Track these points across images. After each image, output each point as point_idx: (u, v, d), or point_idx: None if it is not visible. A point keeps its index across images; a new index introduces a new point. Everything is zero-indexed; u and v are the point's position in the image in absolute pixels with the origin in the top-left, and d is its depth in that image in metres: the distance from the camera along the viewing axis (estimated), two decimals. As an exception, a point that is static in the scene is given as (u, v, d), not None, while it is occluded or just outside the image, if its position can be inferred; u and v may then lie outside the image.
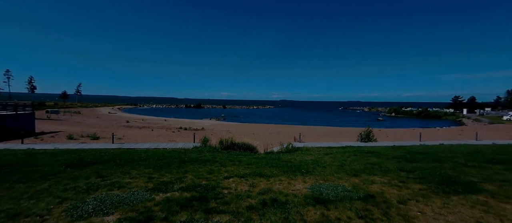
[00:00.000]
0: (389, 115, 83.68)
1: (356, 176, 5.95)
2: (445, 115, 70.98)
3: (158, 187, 4.83)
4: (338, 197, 4.44)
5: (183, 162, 7.25)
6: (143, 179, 5.46)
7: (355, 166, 7.17)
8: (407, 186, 5.10)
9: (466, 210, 3.88)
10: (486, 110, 76.10)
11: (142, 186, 4.93)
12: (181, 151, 10.11)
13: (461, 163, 7.21)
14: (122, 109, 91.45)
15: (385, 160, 7.93)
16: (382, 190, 4.83)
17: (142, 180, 5.39)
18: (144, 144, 13.38)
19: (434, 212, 3.81)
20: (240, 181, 5.36)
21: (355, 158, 8.68)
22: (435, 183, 5.22)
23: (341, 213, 3.77)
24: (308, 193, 4.66)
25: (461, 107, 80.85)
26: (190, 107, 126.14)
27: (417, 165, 6.98)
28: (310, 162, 7.94)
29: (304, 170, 6.61)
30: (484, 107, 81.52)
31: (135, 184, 5.10)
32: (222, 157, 8.64)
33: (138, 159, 7.81)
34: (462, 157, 8.06)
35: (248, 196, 4.41)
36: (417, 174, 6.00)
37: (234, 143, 11.95)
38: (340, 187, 5.03)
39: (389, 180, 5.52)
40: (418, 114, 75.67)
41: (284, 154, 10.60)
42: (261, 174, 5.96)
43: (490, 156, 8.31)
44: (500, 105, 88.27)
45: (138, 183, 5.14)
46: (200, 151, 10.29)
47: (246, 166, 6.96)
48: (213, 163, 7.26)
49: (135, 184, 5.10)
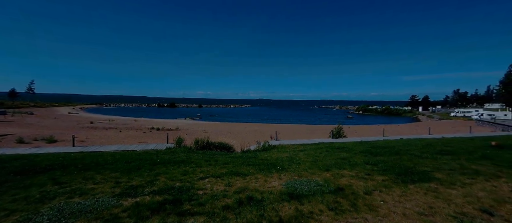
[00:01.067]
0: (357, 112, 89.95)
1: (327, 170, 6.28)
2: (404, 112, 78.65)
3: (127, 192, 4.52)
4: (311, 191, 4.64)
5: (155, 164, 6.89)
6: (109, 184, 5.06)
7: (327, 161, 7.56)
8: (372, 178, 5.54)
9: (421, 197, 4.36)
10: (437, 108, 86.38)
11: (108, 192, 4.56)
12: (153, 153, 9.59)
13: (416, 155, 8.06)
14: (85, 109, 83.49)
15: (354, 155, 8.50)
16: (350, 183, 5.17)
17: (108, 185, 4.99)
18: (111, 146, 12.38)
19: (394, 201, 4.20)
20: (216, 181, 5.28)
21: (327, 153, 9.14)
22: (396, 174, 5.76)
23: (313, 206, 3.94)
24: (283, 189, 4.78)
25: (417, 105, 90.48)
26: (163, 107, 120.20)
27: (380, 158, 7.63)
28: (286, 159, 8.16)
29: (279, 167, 6.77)
30: (435, 105, 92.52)
31: (100, 189, 4.70)
32: (197, 157, 8.41)
33: (104, 162, 7.20)
34: (417, 150, 9.02)
35: (224, 195, 4.37)
36: (381, 166, 6.55)
37: (210, 142, 11.71)
38: (313, 182, 5.26)
39: (357, 173, 5.93)
40: (382, 111, 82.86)
41: (260, 152, 10.72)
42: (237, 173, 5.94)
43: (439, 148, 9.44)
44: (448, 103, 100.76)
45: (103, 189, 4.75)
46: (174, 152, 9.88)
47: (222, 166, 6.88)
48: (188, 164, 7.03)
49: (100, 189, 4.70)
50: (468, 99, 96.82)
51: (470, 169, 6.12)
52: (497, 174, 5.71)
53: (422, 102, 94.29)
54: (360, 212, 3.77)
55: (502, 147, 9.20)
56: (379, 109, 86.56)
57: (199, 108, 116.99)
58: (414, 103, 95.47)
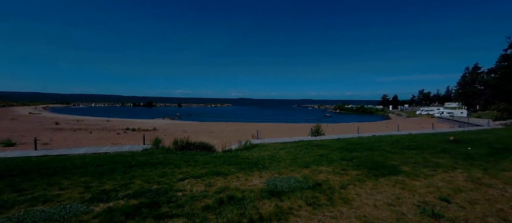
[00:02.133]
0: (335, 111, 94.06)
1: (306, 167, 6.49)
2: (376, 111, 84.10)
3: (98, 197, 4.23)
4: (291, 188, 4.77)
5: (129, 167, 6.53)
6: (78, 189, 4.70)
7: (306, 158, 7.81)
8: (347, 173, 5.84)
9: (390, 189, 4.71)
10: (405, 107, 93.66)
11: (76, 198, 4.23)
12: (127, 155, 9.09)
13: (387, 150, 8.68)
14: (49, 109, 76.29)
15: (331, 151, 8.89)
16: (327, 178, 5.41)
17: (76, 190, 4.62)
18: (80, 149, 11.48)
19: (367, 193, 4.49)
20: (196, 182, 5.18)
21: (307, 151, 9.44)
22: (368, 168, 6.14)
23: (293, 202, 4.06)
24: (264, 187, 4.85)
25: (388, 104, 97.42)
26: (140, 106, 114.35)
27: (355, 154, 8.08)
28: (267, 158, 8.27)
29: (260, 165, 6.84)
30: (404, 104, 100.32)
31: (67, 195, 4.35)
32: (176, 158, 8.15)
33: (72, 166, 6.66)
34: (387, 146, 9.71)
35: (204, 196, 4.30)
36: (355, 162, 6.94)
37: (190, 142, 11.41)
38: (292, 179, 5.40)
39: (334, 169, 6.22)
40: (357, 110, 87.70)
41: (242, 151, 10.72)
42: (218, 173, 5.88)
43: (407, 143, 10.26)
44: (414, 102, 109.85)
45: (71, 194, 4.39)
46: (151, 153, 9.46)
47: (202, 166, 6.76)
48: (166, 165, 6.78)
49: (67, 195, 4.35)
50: (431, 98, 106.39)
51: (432, 162, 6.75)
52: (454, 165, 6.37)
53: (392, 102, 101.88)
54: (336, 205, 3.97)
55: (458, 141, 10.29)
56: (354, 108, 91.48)
57: (179, 107, 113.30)
58: (385, 102, 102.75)
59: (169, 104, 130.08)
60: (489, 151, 8.02)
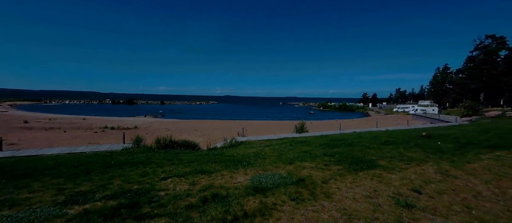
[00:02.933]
0: (319, 109, 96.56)
1: (290, 163, 6.62)
2: (357, 108, 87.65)
3: (73, 199, 4.00)
4: (275, 184, 4.85)
5: (108, 167, 6.24)
6: (51, 191, 4.40)
7: (290, 155, 7.96)
8: (329, 168, 6.06)
9: (368, 182, 4.97)
10: (383, 104, 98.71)
11: (48, 201, 3.97)
12: (106, 154, 8.66)
13: (366, 146, 9.11)
14: (16, 107, 70.30)
15: (314, 148, 9.14)
16: (310, 174, 5.57)
17: (48, 193, 4.33)
18: (53, 149, 10.72)
19: (347, 187, 4.70)
20: (179, 181, 5.07)
21: (291, 147, 9.62)
22: (348, 163, 6.42)
23: (277, 198, 4.13)
24: (248, 184, 4.88)
25: (368, 102, 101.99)
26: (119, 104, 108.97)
27: (337, 150, 8.38)
28: (252, 155, 8.31)
29: (246, 162, 6.86)
30: (382, 102, 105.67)
31: (38, 199, 4.06)
32: (159, 157, 7.92)
33: (43, 167, 6.22)
34: (367, 141, 10.19)
35: (188, 195, 4.23)
36: (337, 157, 7.21)
37: (173, 141, 11.12)
38: (277, 175, 5.49)
39: (316, 164, 6.41)
40: (339, 107, 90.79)
41: (227, 149, 10.66)
42: (202, 171, 5.81)
43: (384, 139, 10.84)
44: (392, 100, 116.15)
45: (42, 197, 4.11)
46: (131, 152, 9.09)
47: (186, 164, 6.64)
48: (147, 165, 6.57)
49: (38, 199, 4.06)
50: (406, 97, 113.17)
51: (406, 156, 7.21)
52: (425, 159, 6.85)
53: (371, 100, 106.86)
54: (318, 199, 4.11)
55: (430, 136, 11.07)
56: (336, 106, 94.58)
57: (161, 105, 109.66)
58: (365, 100, 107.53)
59: (151, 102, 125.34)
60: (456, 145, 8.73)
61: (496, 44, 44.07)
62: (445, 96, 59.86)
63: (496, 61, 43.77)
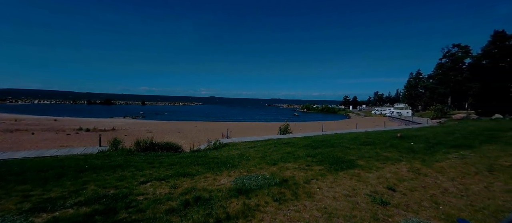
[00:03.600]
0: (302, 110, 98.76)
1: (274, 164, 6.69)
2: (339, 110, 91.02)
3: (41, 206, 3.70)
4: (259, 185, 4.86)
5: (81, 171, 5.86)
6: (15, 199, 4.03)
7: (274, 156, 8.04)
8: (311, 168, 6.21)
9: (347, 181, 5.17)
10: (363, 107, 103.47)
11: (11, 209, 3.63)
12: (79, 158, 8.12)
13: (346, 146, 9.48)
14: (-25, 106, 63.67)
15: (297, 149, 9.32)
16: (293, 174, 5.67)
17: (12, 200, 3.96)
18: (18, 153, 9.83)
19: (328, 186, 4.85)
20: (160, 184, 4.91)
21: (275, 149, 9.73)
22: (330, 163, 6.63)
23: (260, 199, 4.15)
24: (232, 186, 4.85)
25: (348, 105, 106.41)
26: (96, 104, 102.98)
27: (319, 151, 8.62)
28: (236, 156, 8.27)
29: (230, 164, 6.81)
30: (362, 105, 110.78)
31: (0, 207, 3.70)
32: (138, 160, 7.59)
33: (6, 173, 5.68)
34: (347, 142, 10.61)
35: (168, 199, 4.10)
36: (319, 158, 7.42)
37: (154, 143, 10.72)
38: (260, 176, 5.51)
39: (299, 165, 6.55)
40: (322, 109, 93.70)
41: (211, 151, 10.51)
42: (185, 174, 5.67)
43: (363, 140, 11.36)
44: (371, 103, 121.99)
45: (4, 206, 3.75)
46: (108, 155, 8.63)
47: (168, 167, 6.44)
48: (126, 168, 6.27)
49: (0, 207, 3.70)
50: (384, 100, 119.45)
51: (383, 156, 7.62)
52: (399, 158, 7.29)
53: (352, 102, 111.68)
54: (300, 199, 4.20)
55: (404, 137, 11.80)
56: (319, 108, 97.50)
57: (142, 106, 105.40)
58: (346, 103, 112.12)
59: (131, 102, 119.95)
60: (427, 145, 9.39)
61: (462, 52, 48.24)
62: (418, 100, 64.16)
63: (462, 68, 47.89)
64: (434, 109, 37.69)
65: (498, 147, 8.81)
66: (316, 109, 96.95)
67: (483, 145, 9.17)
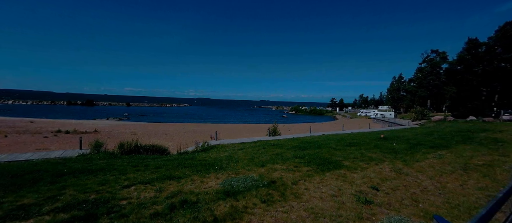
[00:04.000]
0: (291, 112, 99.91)
1: (263, 166, 6.71)
2: (326, 112, 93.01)
3: (13, 214, 3.46)
4: (247, 187, 4.85)
5: (60, 175, 5.55)
6: (-17, 207, 3.74)
7: (263, 157, 8.06)
8: (299, 169, 6.29)
9: (333, 181, 5.29)
10: (349, 109, 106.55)
11: (-21, 218, 3.36)
12: (58, 162, 7.68)
13: (332, 147, 9.70)
14: None
15: (286, 150, 9.41)
16: (281, 176, 5.71)
17: (-21, 209, 3.67)
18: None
19: (315, 187, 4.94)
20: (145, 188, 4.75)
21: (264, 150, 9.75)
22: (317, 164, 6.76)
23: (248, 201, 4.14)
24: (219, 188, 4.80)
25: (335, 107, 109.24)
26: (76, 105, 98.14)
27: (307, 152, 8.76)
28: (224, 158, 8.19)
29: (218, 166, 6.74)
30: (348, 107, 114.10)
31: (-36, 217, 3.41)
32: (122, 163, 7.31)
33: (-27, 179, 5.25)
34: (334, 143, 10.86)
35: (153, 202, 3.99)
36: (306, 159, 7.53)
37: (140, 145, 10.36)
38: (249, 178, 5.51)
39: (287, 166, 6.61)
40: (310, 111, 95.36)
41: (199, 153, 10.34)
42: (171, 177, 5.54)
43: (349, 141, 11.69)
44: (356, 105, 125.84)
45: (-30, 215, 3.46)
46: (89, 159, 8.23)
47: (153, 170, 6.25)
48: (108, 172, 6.01)
49: (-36, 217, 3.41)
50: (368, 102, 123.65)
51: (367, 156, 7.88)
52: (383, 159, 7.57)
53: (339, 104, 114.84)
54: (288, 200, 4.24)
55: (387, 138, 12.29)
56: (308, 110, 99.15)
57: (128, 107, 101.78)
58: (333, 105, 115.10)
59: (115, 103, 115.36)
60: (408, 146, 9.83)
61: (439, 58, 51.23)
62: (400, 102, 67.11)
63: (440, 73, 50.80)
64: (415, 112, 39.57)
65: (472, 147, 9.41)
66: (304, 111, 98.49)
67: (459, 145, 9.75)
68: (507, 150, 8.74)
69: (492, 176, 5.75)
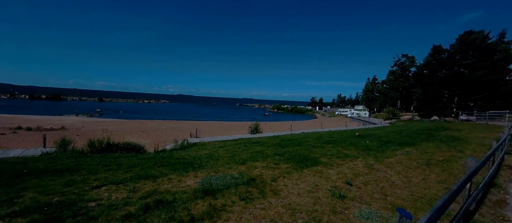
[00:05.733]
0: (273, 110, 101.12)
1: (243, 164, 6.71)
2: (306, 111, 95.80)
3: (-42, 222, 3.06)
4: (226, 185, 4.82)
5: (18, 176, 5.02)
6: None
7: (243, 155, 8.06)
8: (278, 166, 6.40)
9: (311, 178, 5.47)
10: (328, 108, 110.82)
11: None
12: (16, 162, 6.94)
13: (311, 145, 10.02)
14: None
15: (267, 148, 9.51)
16: (261, 173, 5.77)
17: None
18: None
19: (293, 184, 5.06)
20: (117, 188, 4.49)
21: (245, 148, 9.75)
22: (296, 161, 6.93)
23: (227, 199, 4.12)
24: (198, 187, 4.70)
25: (315, 105, 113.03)
26: (41, 99, 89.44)
27: (286, 150, 8.94)
28: (204, 156, 8.05)
29: (197, 165, 6.60)
30: (327, 106, 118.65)
31: None
32: (92, 162, 6.83)
33: None
34: (312, 141, 11.22)
35: (126, 203, 3.78)
36: (286, 156, 7.69)
37: (112, 143, 9.76)
38: (229, 176, 5.47)
39: (267, 164, 6.69)
40: (291, 110, 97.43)
41: (178, 151, 10.03)
42: (146, 176, 5.30)
43: (326, 138, 12.16)
44: (334, 104, 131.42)
45: None
46: (54, 158, 7.56)
47: (127, 170, 5.93)
48: (76, 172, 5.58)
49: None
50: (345, 102, 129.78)
51: (343, 153, 8.26)
52: (357, 155, 8.00)
53: (318, 103, 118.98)
54: (267, 197, 4.29)
55: (361, 136, 13.01)
56: (289, 108, 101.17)
57: (100, 102, 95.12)
58: (313, 104, 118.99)
59: (86, 98, 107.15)
60: (380, 143, 10.50)
61: (408, 62, 55.34)
62: (374, 102, 71.37)
63: (408, 76, 54.94)
64: (387, 111, 42.43)
65: (434, 144, 10.33)
66: (286, 110, 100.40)
67: (423, 143, 10.65)
68: (463, 146, 9.75)
69: (450, 171, 6.37)
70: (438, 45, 37.27)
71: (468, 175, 3.08)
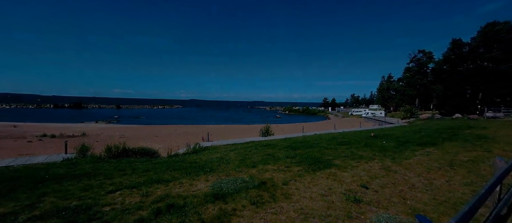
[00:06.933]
0: (284, 112, 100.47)
1: (254, 167, 6.64)
2: (319, 112, 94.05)
3: (-15, 225, 3.25)
4: (237, 189, 4.77)
5: (40, 182, 5.29)
6: (-48, 218, 3.49)
7: (254, 158, 7.99)
8: (290, 169, 6.27)
9: (324, 181, 5.29)
10: (341, 108, 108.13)
11: None
12: (40, 167, 7.35)
13: (324, 147, 9.76)
14: None
15: (278, 150, 9.38)
16: (272, 176, 5.67)
17: None
18: (-36, 164, 8.60)
19: (305, 187, 4.91)
20: (130, 193, 4.59)
21: (256, 151, 9.69)
22: (308, 164, 6.75)
23: (237, 203, 4.06)
24: (209, 191, 4.70)
25: (328, 106, 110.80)
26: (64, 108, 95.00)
27: (298, 152, 8.76)
28: (215, 160, 8.08)
29: (208, 168, 6.63)
30: (340, 106, 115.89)
31: None
32: (108, 167, 7.07)
33: None
34: (325, 143, 10.93)
35: (138, 208, 3.84)
36: (298, 159, 7.52)
37: (128, 148, 10.08)
38: (239, 179, 5.43)
39: (278, 167, 6.57)
40: (303, 111, 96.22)
41: (190, 155, 10.17)
42: (159, 180, 5.39)
43: (340, 140, 11.80)
44: (348, 104, 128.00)
45: None
46: (74, 163, 7.92)
47: (141, 174, 6.07)
48: (93, 177, 5.79)
49: None
50: (359, 101, 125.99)
51: (357, 155, 7.95)
52: (372, 157, 7.66)
53: (331, 104, 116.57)
54: (278, 201, 4.19)
55: (377, 137, 12.49)
56: (301, 110, 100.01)
57: (117, 109, 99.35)
58: (326, 104, 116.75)
59: (104, 106, 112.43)
60: (397, 144, 10.01)
61: (426, 58, 52.79)
62: (389, 101, 68.69)
63: (426, 72, 52.37)
64: (404, 110, 40.60)
65: (458, 143, 9.68)
66: (297, 111, 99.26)
67: (445, 142, 10.02)
68: (491, 145, 9.05)
69: (476, 172, 5.91)
70: (458, 39, 35.31)
71: (497, 177, 2.82)
